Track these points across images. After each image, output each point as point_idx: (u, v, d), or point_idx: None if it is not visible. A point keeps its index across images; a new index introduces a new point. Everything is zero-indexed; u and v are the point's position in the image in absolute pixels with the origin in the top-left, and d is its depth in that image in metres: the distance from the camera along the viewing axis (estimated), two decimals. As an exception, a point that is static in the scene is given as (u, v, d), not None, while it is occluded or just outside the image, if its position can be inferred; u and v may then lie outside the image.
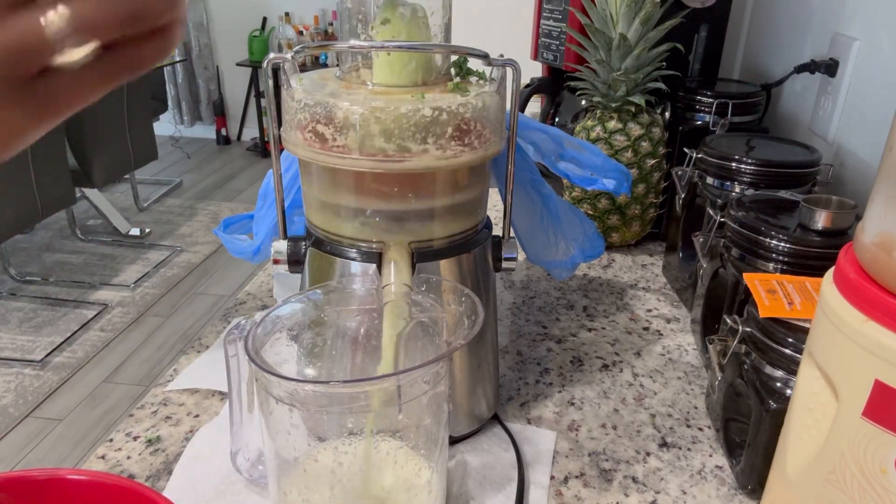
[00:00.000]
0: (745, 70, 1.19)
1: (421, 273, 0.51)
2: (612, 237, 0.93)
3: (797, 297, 0.50)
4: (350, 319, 0.51)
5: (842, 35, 0.84)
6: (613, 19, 0.83)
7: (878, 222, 0.35)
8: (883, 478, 0.36)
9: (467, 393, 0.57)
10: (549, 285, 0.85)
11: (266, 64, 0.48)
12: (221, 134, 4.75)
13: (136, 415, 0.61)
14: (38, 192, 2.25)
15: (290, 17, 4.41)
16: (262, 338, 0.44)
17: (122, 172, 2.88)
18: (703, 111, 0.91)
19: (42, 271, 2.84)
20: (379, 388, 0.42)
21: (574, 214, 0.69)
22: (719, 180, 0.75)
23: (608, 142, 0.87)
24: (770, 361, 0.49)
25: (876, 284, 0.35)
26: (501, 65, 0.49)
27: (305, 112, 0.47)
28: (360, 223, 0.51)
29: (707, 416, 0.62)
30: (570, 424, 0.61)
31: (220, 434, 0.57)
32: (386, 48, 0.48)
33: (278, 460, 0.45)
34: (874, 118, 0.77)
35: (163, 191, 3.79)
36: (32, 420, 2.04)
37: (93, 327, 2.48)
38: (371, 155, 0.46)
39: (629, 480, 0.54)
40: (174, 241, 3.17)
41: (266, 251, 0.64)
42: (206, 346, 0.71)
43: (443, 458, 0.48)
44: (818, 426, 0.40)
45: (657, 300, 0.83)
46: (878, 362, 0.35)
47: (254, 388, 0.46)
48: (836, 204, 0.59)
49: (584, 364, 0.70)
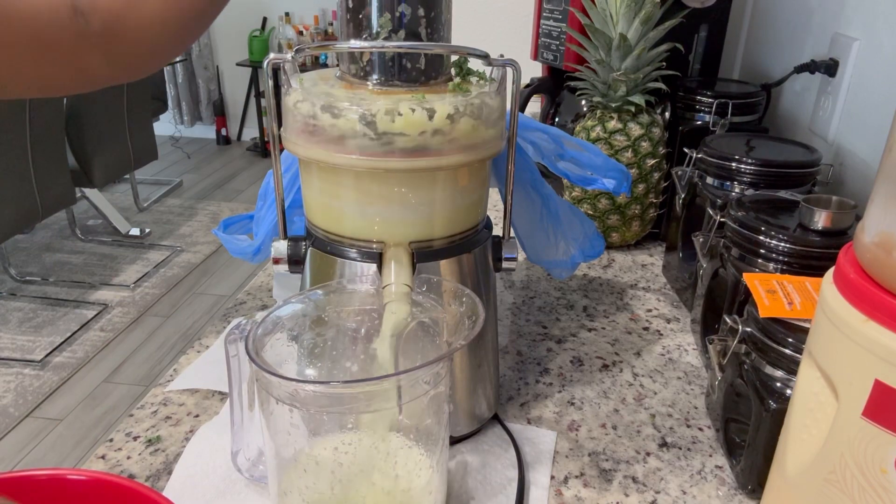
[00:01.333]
0: (745, 70, 1.19)
1: (421, 273, 0.51)
2: (612, 237, 0.93)
3: (797, 297, 0.50)
4: (350, 320, 0.51)
5: (842, 35, 0.84)
6: (613, 19, 0.83)
7: (878, 222, 0.35)
8: (883, 478, 0.36)
9: (467, 393, 0.57)
10: (549, 285, 0.85)
11: (266, 64, 0.48)
12: (221, 134, 4.75)
13: (136, 415, 0.61)
14: (38, 192, 2.25)
15: (290, 17, 4.41)
16: (263, 338, 0.44)
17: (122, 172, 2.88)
18: (703, 111, 0.91)
19: (42, 271, 2.84)
20: (379, 389, 0.42)
21: (574, 214, 0.69)
22: (719, 180, 0.75)
23: (608, 142, 0.87)
24: (770, 361, 0.49)
25: (876, 284, 0.35)
26: (501, 65, 0.49)
27: (305, 112, 0.47)
28: (361, 223, 0.51)
29: (707, 416, 0.62)
30: (570, 424, 0.61)
31: (221, 434, 0.57)
32: (386, 48, 0.48)
33: (278, 460, 0.45)
34: (874, 118, 0.77)
35: (163, 191, 3.79)
36: (32, 420, 2.04)
37: (93, 327, 2.49)
38: (371, 155, 0.46)
39: (629, 480, 0.54)
40: (174, 241, 3.17)
41: (266, 251, 0.64)
42: (206, 346, 0.71)
43: (443, 458, 0.48)
44: (818, 426, 0.40)
45: (657, 300, 0.83)
46: (878, 362, 0.35)
47: (254, 389, 0.46)
48: (836, 204, 0.59)
49: (584, 364, 0.70)
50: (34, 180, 2.22)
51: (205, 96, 4.74)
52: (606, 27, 0.83)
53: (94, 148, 2.58)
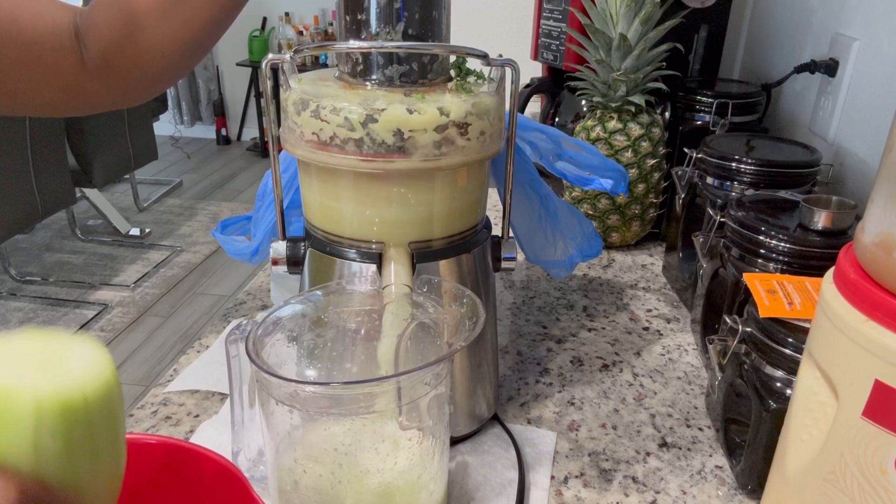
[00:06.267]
0: (745, 70, 1.19)
1: (421, 274, 0.51)
2: (612, 237, 0.93)
3: (797, 297, 0.50)
4: (350, 320, 0.51)
5: (842, 35, 0.84)
6: (613, 19, 0.83)
7: (878, 222, 0.35)
8: (883, 478, 0.36)
9: (467, 393, 0.57)
10: (549, 285, 0.85)
11: (265, 64, 0.48)
12: (221, 134, 4.75)
13: (136, 415, 0.61)
14: (38, 192, 2.25)
15: (290, 17, 4.41)
16: (263, 339, 0.44)
17: (122, 172, 2.88)
18: (703, 111, 0.91)
19: (42, 271, 2.84)
20: (379, 390, 0.42)
21: (572, 214, 0.69)
22: (719, 180, 0.75)
23: (608, 142, 0.87)
24: (770, 361, 0.49)
25: (876, 284, 0.35)
26: (501, 65, 0.49)
27: (304, 112, 0.47)
28: (360, 224, 0.51)
29: (707, 416, 0.62)
30: (570, 424, 0.61)
31: (221, 432, 0.57)
32: (385, 48, 0.48)
33: (278, 460, 0.45)
34: (874, 118, 0.77)
35: (163, 191, 3.79)
36: (32, 420, 2.04)
37: (93, 327, 2.49)
38: (370, 155, 0.46)
39: (629, 480, 0.54)
40: (174, 241, 3.17)
41: (264, 252, 0.63)
42: (206, 346, 0.71)
43: (443, 458, 0.48)
44: (818, 426, 0.40)
45: (657, 300, 0.83)
46: (878, 362, 0.35)
47: (255, 389, 0.46)
48: (836, 204, 0.59)
49: (584, 364, 0.70)
50: (34, 180, 2.22)
51: (205, 96, 4.74)
52: (606, 27, 0.83)
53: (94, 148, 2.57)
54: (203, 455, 0.37)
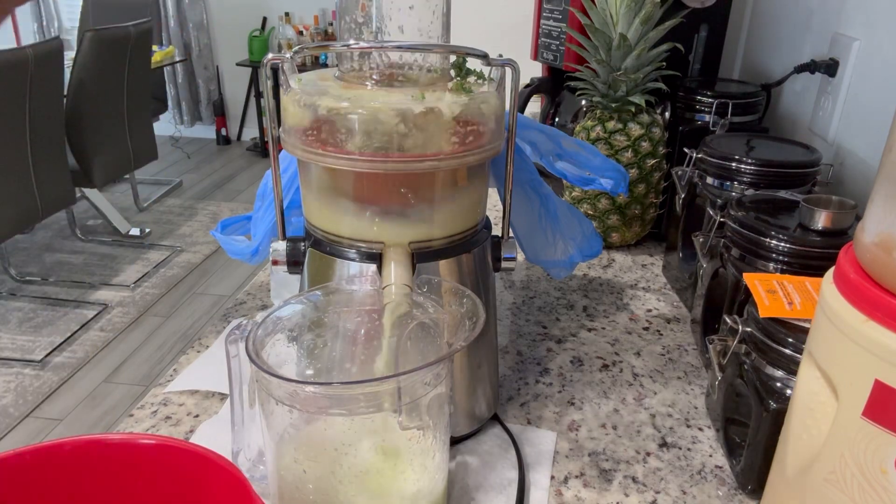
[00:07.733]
0: (745, 70, 1.19)
1: (421, 274, 0.51)
2: (612, 237, 0.93)
3: (797, 297, 0.50)
4: (350, 321, 0.51)
5: (842, 35, 0.84)
6: (613, 19, 0.83)
7: (878, 222, 0.35)
8: (883, 478, 0.36)
9: (467, 393, 0.57)
10: (549, 285, 0.85)
11: (264, 64, 0.48)
12: (221, 134, 4.75)
13: (136, 415, 0.61)
14: (38, 192, 2.25)
15: (290, 17, 4.40)
16: (263, 339, 0.44)
17: (122, 172, 2.88)
18: (703, 111, 0.91)
19: (42, 271, 2.84)
20: (379, 390, 0.42)
21: (572, 214, 0.69)
22: (719, 180, 0.75)
23: (608, 142, 0.87)
24: (770, 361, 0.49)
25: (876, 284, 0.35)
26: (501, 65, 0.49)
27: (304, 112, 0.47)
28: (360, 224, 0.51)
29: (707, 416, 0.62)
30: (570, 424, 0.61)
31: (221, 432, 0.57)
32: (385, 48, 0.48)
33: (278, 460, 0.45)
34: (874, 118, 0.77)
35: (163, 191, 3.79)
36: (32, 420, 2.04)
37: (93, 327, 2.49)
38: (370, 155, 0.46)
39: (629, 480, 0.54)
40: (174, 241, 3.17)
41: (264, 252, 0.63)
42: (206, 346, 0.71)
43: (443, 458, 0.48)
44: (818, 426, 0.40)
45: (657, 300, 0.83)
46: (878, 362, 0.35)
47: (255, 389, 0.46)
48: (836, 204, 0.59)
49: (584, 364, 0.70)
50: (34, 180, 2.22)
51: (205, 96, 4.73)
52: (606, 27, 0.83)
53: (94, 148, 2.57)
54: (203, 455, 0.37)
